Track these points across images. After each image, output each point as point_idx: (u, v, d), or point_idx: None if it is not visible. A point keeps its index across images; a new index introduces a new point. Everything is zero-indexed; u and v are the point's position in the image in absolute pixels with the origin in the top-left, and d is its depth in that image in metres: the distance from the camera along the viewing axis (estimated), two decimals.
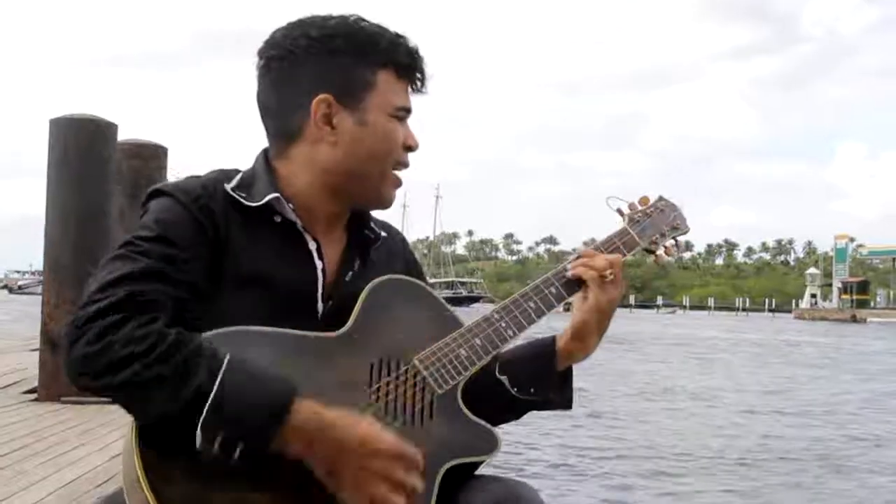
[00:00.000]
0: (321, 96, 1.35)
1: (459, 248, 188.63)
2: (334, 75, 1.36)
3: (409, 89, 1.43)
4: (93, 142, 5.43)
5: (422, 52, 1.43)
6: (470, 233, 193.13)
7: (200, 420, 1.12)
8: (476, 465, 1.38)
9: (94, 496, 2.97)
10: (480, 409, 1.40)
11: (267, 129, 1.42)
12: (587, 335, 1.46)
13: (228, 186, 1.35)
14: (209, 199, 1.32)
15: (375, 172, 1.39)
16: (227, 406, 1.13)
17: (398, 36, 1.40)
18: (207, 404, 1.13)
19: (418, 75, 1.42)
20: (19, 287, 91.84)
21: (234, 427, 1.13)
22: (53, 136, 5.45)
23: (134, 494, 1.16)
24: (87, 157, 5.40)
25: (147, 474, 1.15)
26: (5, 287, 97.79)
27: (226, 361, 1.16)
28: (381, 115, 1.38)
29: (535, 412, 1.53)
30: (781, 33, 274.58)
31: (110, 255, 1.25)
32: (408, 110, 1.42)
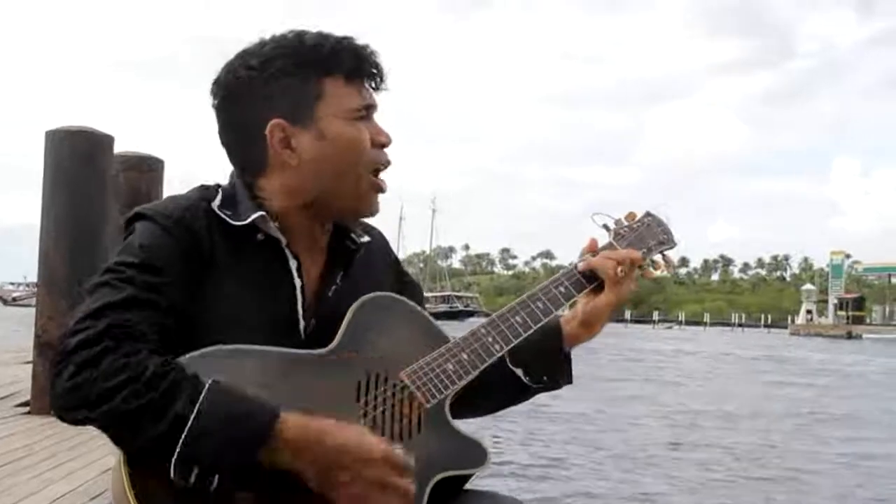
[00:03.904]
0: (273, 122, 1.34)
1: (455, 262, 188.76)
2: (280, 99, 1.34)
3: (367, 87, 1.39)
4: (89, 154, 5.40)
5: (370, 49, 1.38)
6: (466, 247, 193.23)
7: (175, 453, 1.11)
8: (465, 479, 1.38)
9: None
10: (492, 396, 1.50)
11: (234, 165, 1.40)
12: (596, 322, 1.50)
13: (214, 205, 1.34)
14: (192, 220, 1.31)
15: (350, 181, 1.37)
16: (203, 437, 1.12)
17: (339, 40, 1.37)
18: (183, 435, 1.12)
19: (370, 72, 1.39)
20: (13, 299, 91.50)
21: (211, 458, 1.12)
22: (49, 147, 5.42)
23: None
24: (83, 170, 5.36)
25: (135, 492, 1.14)
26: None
27: (205, 390, 1.15)
28: (338, 123, 1.35)
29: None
30: (777, 49, 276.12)
31: (94, 281, 1.24)
32: (368, 108, 1.39)
